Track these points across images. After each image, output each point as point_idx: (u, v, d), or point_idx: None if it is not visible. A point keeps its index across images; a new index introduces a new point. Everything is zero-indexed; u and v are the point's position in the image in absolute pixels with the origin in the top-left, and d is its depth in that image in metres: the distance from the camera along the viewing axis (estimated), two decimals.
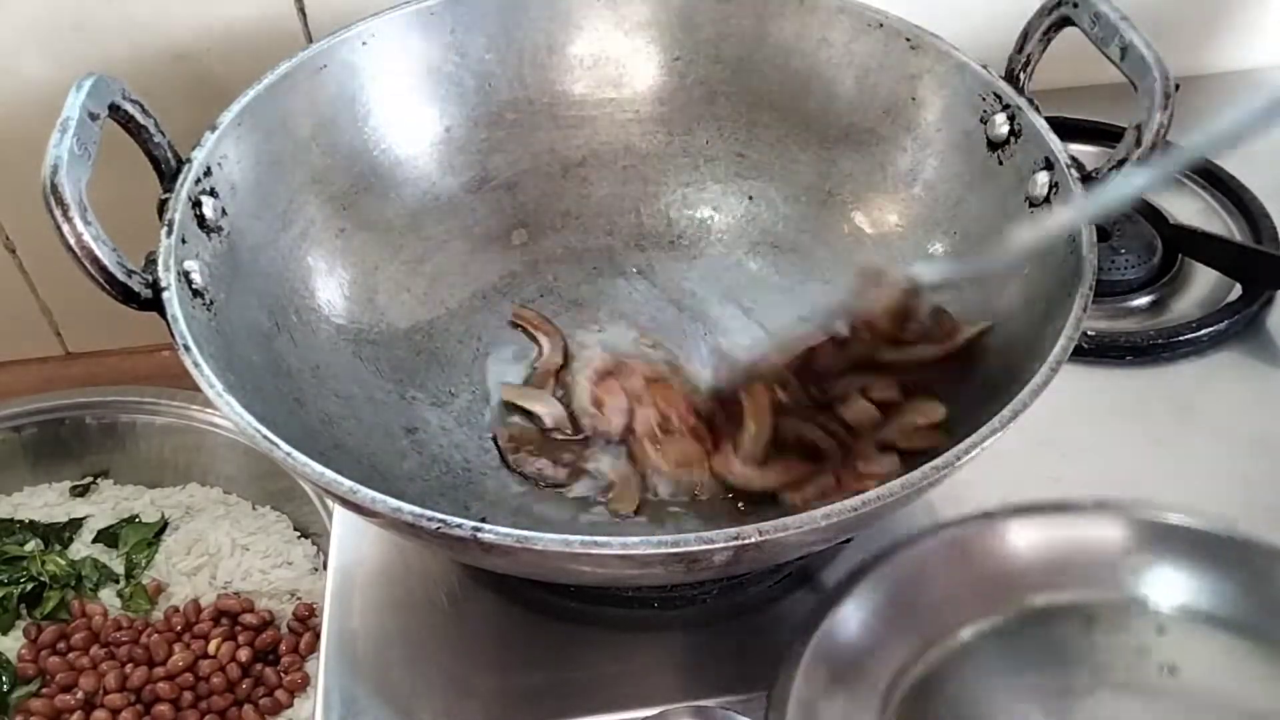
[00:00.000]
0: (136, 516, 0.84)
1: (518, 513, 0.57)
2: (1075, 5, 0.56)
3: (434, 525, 0.40)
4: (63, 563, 0.80)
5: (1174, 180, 0.78)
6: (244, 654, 0.75)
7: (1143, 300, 0.70)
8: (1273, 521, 0.58)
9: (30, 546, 0.82)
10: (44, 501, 0.86)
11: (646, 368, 0.61)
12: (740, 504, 0.56)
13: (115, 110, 0.51)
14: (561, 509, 0.57)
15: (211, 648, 0.76)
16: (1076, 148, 0.75)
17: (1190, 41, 0.88)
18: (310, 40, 0.70)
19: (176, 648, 0.76)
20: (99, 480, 0.87)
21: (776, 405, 0.56)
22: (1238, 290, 0.69)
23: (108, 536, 0.83)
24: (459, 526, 0.40)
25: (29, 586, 0.79)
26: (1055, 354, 0.46)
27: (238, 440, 0.82)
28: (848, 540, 0.55)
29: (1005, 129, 0.58)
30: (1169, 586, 0.52)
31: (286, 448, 0.43)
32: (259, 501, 0.85)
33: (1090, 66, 0.59)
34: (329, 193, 0.62)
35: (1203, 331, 0.66)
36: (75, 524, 0.83)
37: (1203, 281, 0.71)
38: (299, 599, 0.80)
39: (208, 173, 0.54)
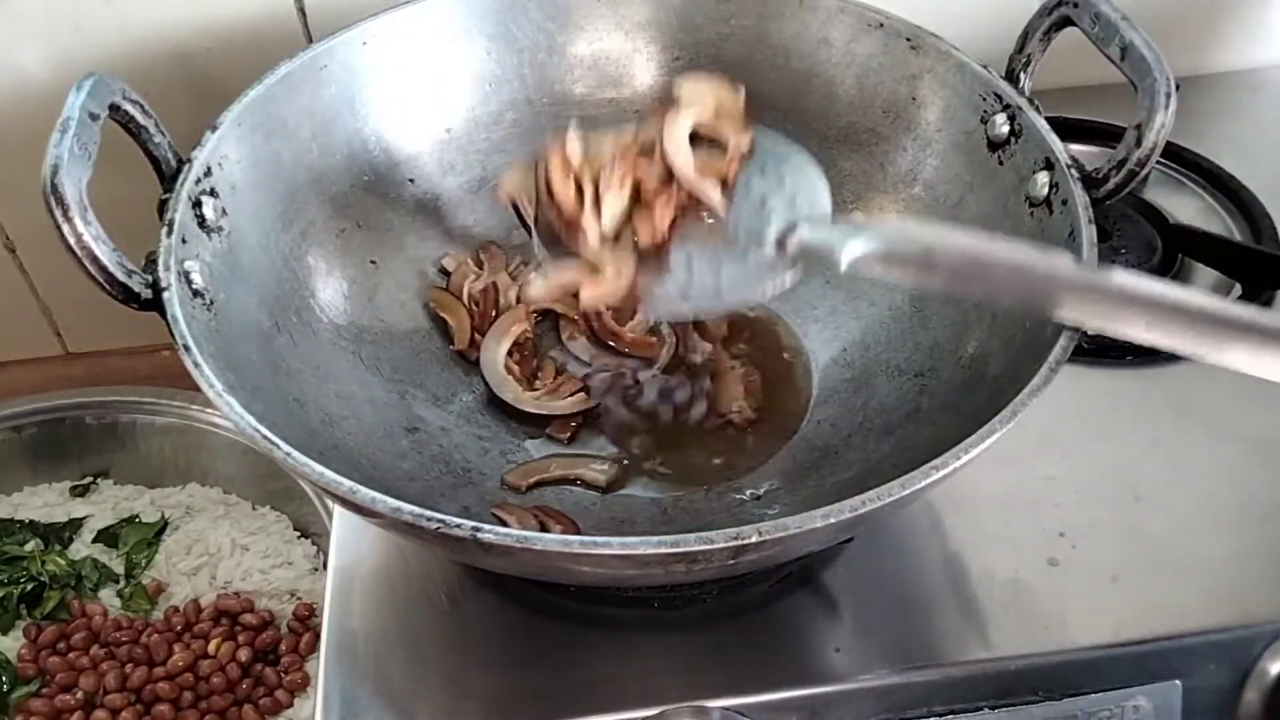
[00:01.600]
0: (136, 516, 0.84)
1: None
2: (1075, 5, 0.56)
3: (434, 525, 0.40)
4: (63, 563, 0.80)
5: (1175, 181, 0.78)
6: (244, 654, 0.75)
7: None
8: (1270, 523, 0.58)
9: (30, 546, 0.81)
10: (44, 501, 0.86)
11: None
12: None
13: (115, 110, 0.51)
14: (563, 505, 0.57)
15: (211, 648, 0.75)
16: (1076, 148, 0.75)
17: (1190, 41, 0.88)
18: (310, 40, 0.70)
19: (176, 648, 0.75)
20: (99, 480, 0.87)
21: None
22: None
23: (108, 536, 0.83)
24: (459, 526, 0.40)
25: (29, 586, 0.79)
26: (1055, 354, 0.47)
27: (238, 440, 0.82)
28: (848, 540, 0.55)
29: (1005, 129, 0.58)
30: None
31: (286, 448, 0.43)
32: (259, 501, 0.85)
33: (1090, 66, 0.59)
34: (329, 193, 0.62)
35: None
36: (75, 524, 0.83)
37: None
38: (299, 599, 0.80)
39: (208, 173, 0.54)
